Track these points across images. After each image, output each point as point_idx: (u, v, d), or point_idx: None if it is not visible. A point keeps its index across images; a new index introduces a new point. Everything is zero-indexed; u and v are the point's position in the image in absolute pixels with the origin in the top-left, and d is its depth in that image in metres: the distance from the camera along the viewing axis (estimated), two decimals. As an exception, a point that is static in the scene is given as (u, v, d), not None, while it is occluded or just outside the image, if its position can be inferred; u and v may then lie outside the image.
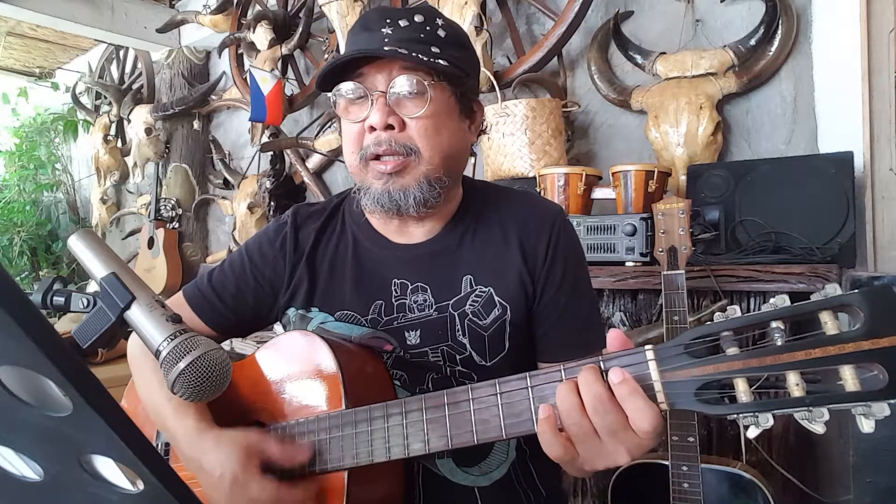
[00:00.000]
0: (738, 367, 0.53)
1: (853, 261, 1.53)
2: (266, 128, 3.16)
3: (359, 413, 0.75)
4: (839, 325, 0.50)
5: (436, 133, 0.84)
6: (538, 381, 0.64)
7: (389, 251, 0.94)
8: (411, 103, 0.83)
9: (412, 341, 0.89)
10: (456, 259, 0.92)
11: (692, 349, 0.56)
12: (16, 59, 4.74)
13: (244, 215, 3.26)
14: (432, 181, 0.85)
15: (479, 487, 0.88)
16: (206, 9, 3.38)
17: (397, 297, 0.91)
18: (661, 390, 0.57)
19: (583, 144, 2.26)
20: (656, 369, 0.57)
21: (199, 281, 0.99)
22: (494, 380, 0.67)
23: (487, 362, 0.89)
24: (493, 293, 0.89)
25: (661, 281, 1.37)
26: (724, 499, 1.34)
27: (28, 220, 4.76)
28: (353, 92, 0.84)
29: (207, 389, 0.64)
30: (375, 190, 0.85)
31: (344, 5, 2.56)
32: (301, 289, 0.94)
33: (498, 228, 0.93)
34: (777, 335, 0.52)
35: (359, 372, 0.82)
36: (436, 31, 0.85)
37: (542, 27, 2.35)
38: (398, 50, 0.80)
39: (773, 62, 1.81)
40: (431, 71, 0.82)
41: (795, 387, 0.51)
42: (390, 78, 0.82)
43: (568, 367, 0.63)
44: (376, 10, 0.88)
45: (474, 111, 0.93)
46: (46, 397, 0.35)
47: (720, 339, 0.55)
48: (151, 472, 0.35)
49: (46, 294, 0.70)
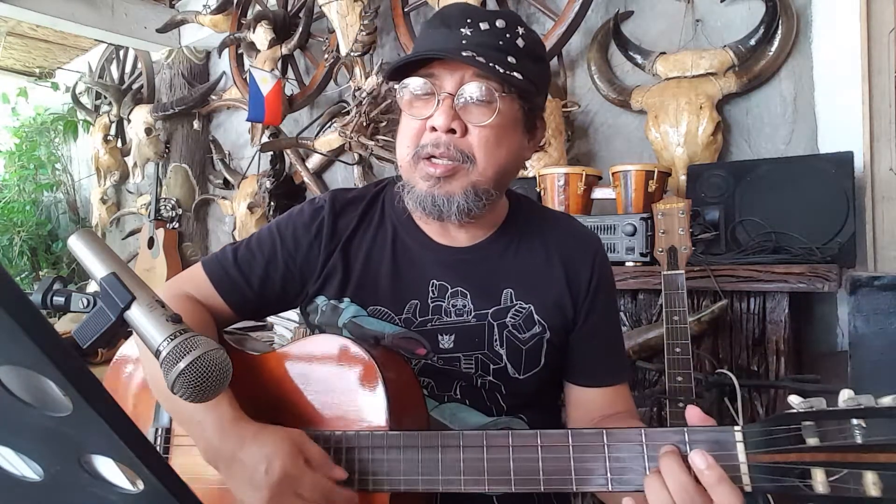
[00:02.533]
0: (820, 459, 0.55)
1: (853, 261, 1.53)
2: (266, 128, 3.16)
3: (408, 438, 0.72)
4: None
5: (496, 145, 0.82)
6: (615, 440, 0.64)
7: (430, 250, 0.92)
8: (478, 111, 0.80)
9: (445, 345, 0.88)
10: (498, 270, 0.91)
11: (776, 435, 0.57)
12: (16, 59, 4.74)
13: (244, 215, 3.26)
14: (480, 192, 0.83)
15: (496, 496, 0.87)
16: (206, 9, 3.38)
17: (434, 298, 0.89)
18: (747, 472, 0.58)
19: (583, 144, 2.26)
20: (744, 451, 0.59)
21: (222, 256, 0.94)
22: (567, 430, 0.66)
23: (521, 375, 0.88)
24: (532, 311, 0.89)
25: (661, 281, 1.37)
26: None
27: (28, 220, 4.76)
28: (421, 88, 0.82)
29: (207, 389, 0.64)
30: (420, 191, 0.83)
31: (344, 5, 2.56)
32: (334, 278, 0.92)
33: (541, 248, 0.93)
34: (857, 431, 0.53)
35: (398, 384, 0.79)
36: (515, 39, 0.82)
37: (542, 27, 2.35)
38: (476, 57, 0.77)
39: (773, 62, 1.81)
40: (504, 82, 0.80)
41: (873, 486, 0.52)
42: (462, 82, 0.80)
43: (649, 432, 0.63)
44: (458, 6, 0.85)
45: (537, 127, 0.91)
46: (46, 397, 0.35)
47: (801, 429, 0.56)
48: (151, 472, 0.35)
49: (46, 294, 0.70)
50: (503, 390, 0.89)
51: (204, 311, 0.91)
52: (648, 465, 0.62)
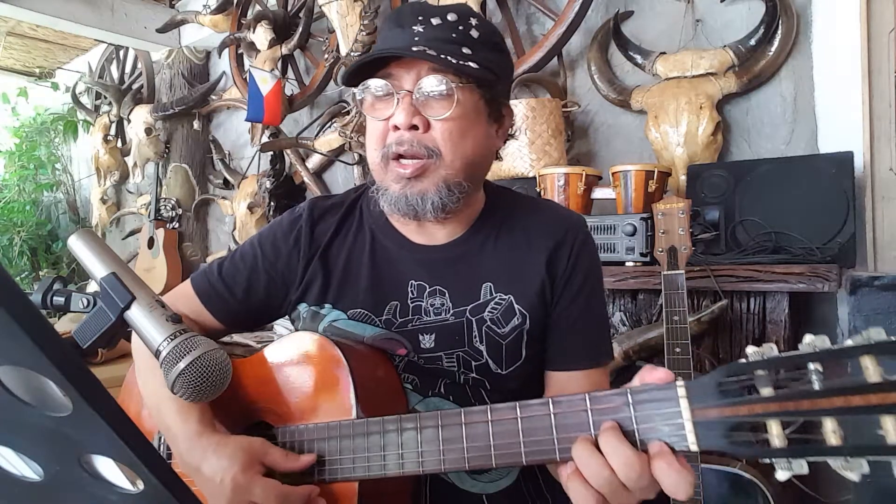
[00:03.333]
0: (772, 410, 0.50)
1: (853, 261, 1.53)
2: (266, 128, 3.16)
3: (371, 424, 0.72)
4: (881, 373, 0.47)
5: (460, 137, 0.82)
6: (562, 409, 0.61)
7: (408, 251, 0.92)
8: (437, 104, 0.81)
9: (426, 345, 0.88)
10: (476, 265, 0.90)
11: (725, 387, 0.53)
12: (16, 59, 4.74)
13: (244, 215, 3.26)
14: (452, 186, 0.83)
15: (486, 494, 0.88)
16: (206, 9, 3.38)
17: (413, 298, 0.89)
18: (692, 430, 0.55)
19: (583, 144, 2.26)
20: (688, 407, 0.55)
21: (209, 271, 0.97)
22: (515, 403, 0.64)
23: (503, 370, 0.88)
24: (513, 301, 0.88)
25: (661, 281, 1.37)
26: (724, 498, 1.34)
27: (28, 220, 4.75)
28: (380, 89, 0.82)
29: (207, 389, 0.64)
30: (393, 192, 0.83)
31: (344, 5, 2.56)
32: (314, 285, 0.93)
33: (521, 236, 0.92)
34: (814, 377, 0.49)
35: (370, 377, 0.81)
36: (468, 31, 0.83)
37: (542, 27, 2.35)
38: (426, 51, 0.78)
39: (773, 62, 1.80)
40: (459, 72, 0.80)
41: (832, 434, 0.48)
42: (418, 77, 0.80)
43: (594, 396, 0.60)
44: (410, 5, 0.86)
45: (503, 115, 0.91)
46: (46, 397, 0.35)
47: (754, 378, 0.52)
48: (151, 472, 0.35)
49: (46, 294, 0.70)
50: (487, 386, 0.88)
51: (195, 325, 0.94)
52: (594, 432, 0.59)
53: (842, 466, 0.48)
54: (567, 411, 0.61)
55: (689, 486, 0.54)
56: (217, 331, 0.97)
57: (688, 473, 0.54)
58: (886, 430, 0.46)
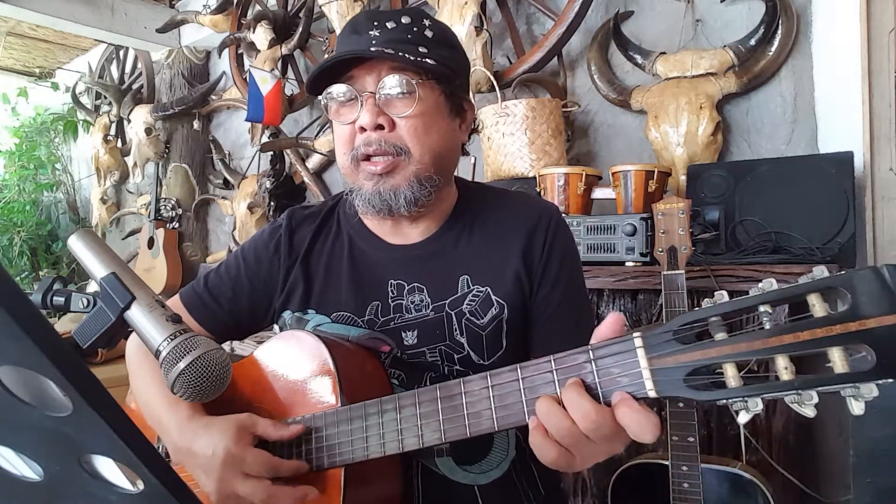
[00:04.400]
0: (726, 353, 0.53)
1: (853, 261, 1.53)
2: (266, 128, 3.16)
3: (353, 409, 0.75)
4: (827, 308, 0.50)
5: (425, 132, 0.85)
6: (529, 373, 0.64)
7: (385, 252, 0.94)
8: (400, 103, 0.83)
9: (409, 342, 0.90)
10: (452, 259, 0.92)
11: (681, 335, 0.55)
12: (16, 59, 4.74)
13: (244, 215, 3.26)
14: (423, 180, 0.85)
15: (478, 486, 0.89)
16: (206, 9, 3.38)
17: (394, 297, 0.91)
18: (650, 378, 0.56)
19: (583, 144, 2.26)
20: (645, 356, 0.57)
21: (196, 284, 1.00)
22: (486, 372, 0.67)
23: (485, 361, 0.89)
24: (490, 292, 0.90)
25: (661, 281, 1.37)
26: (724, 499, 1.34)
27: (28, 220, 4.76)
28: (343, 94, 0.85)
29: (207, 389, 0.64)
30: (366, 191, 0.86)
31: (344, 5, 2.56)
32: (297, 291, 0.95)
33: (495, 228, 0.94)
34: (766, 319, 0.52)
35: (355, 369, 0.83)
36: (423, 31, 0.86)
37: (542, 27, 2.35)
38: (384, 50, 0.81)
39: (773, 62, 1.80)
40: (419, 70, 0.83)
41: (784, 370, 0.51)
42: (379, 78, 0.83)
43: (558, 357, 0.62)
44: (364, 13, 0.89)
45: (465, 110, 0.94)
46: (46, 397, 0.35)
47: (709, 325, 0.54)
48: (151, 472, 0.35)
49: (46, 294, 0.70)
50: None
51: None
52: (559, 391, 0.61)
53: (794, 401, 0.51)
54: (534, 374, 0.64)
55: (654, 427, 0.56)
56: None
57: (651, 414, 0.56)
58: (834, 361, 0.49)
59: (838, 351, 0.49)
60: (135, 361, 0.94)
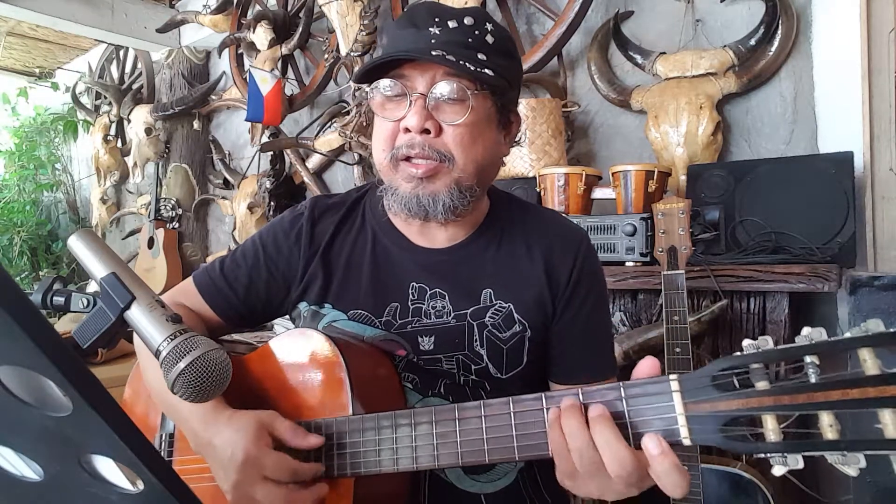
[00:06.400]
0: (767, 405, 0.50)
1: (853, 261, 1.53)
2: (266, 128, 3.16)
3: (366, 420, 0.73)
4: (880, 365, 0.46)
5: (472, 142, 0.82)
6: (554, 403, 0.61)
7: (409, 253, 0.92)
8: (451, 109, 0.80)
9: (425, 347, 0.88)
10: (477, 270, 0.90)
11: (719, 381, 0.52)
12: (16, 59, 4.74)
13: (244, 215, 3.26)
14: (463, 189, 0.83)
15: (485, 494, 0.88)
16: (206, 9, 3.38)
17: (414, 301, 0.89)
18: (685, 424, 0.53)
19: (583, 144, 2.26)
20: (681, 401, 0.54)
21: (211, 269, 0.97)
22: (508, 398, 0.64)
23: (503, 375, 0.88)
24: (512, 310, 0.88)
25: (661, 281, 1.37)
26: (724, 499, 1.34)
27: (28, 220, 4.76)
28: (391, 90, 0.81)
29: (208, 389, 0.64)
30: (404, 192, 0.82)
31: (344, 5, 2.56)
32: (315, 284, 0.92)
33: (523, 245, 0.92)
34: (811, 370, 0.48)
35: (367, 374, 0.81)
36: (484, 36, 0.82)
37: (542, 27, 2.35)
38: (445, 56, 0.77)
39: (773, 62, 1.80)
40: (475, 79, 0.79)
41: (829, 428, 0.47)
42: (433, 81, 0.79)
43: (586, 391, 0.60)
44: (425, 5, 0.85)
45: (511, 122, 0.91)
46: (46, 397, 0.35)
47: (749, 372, 0.51)
48: (151, 472, 0.35)
49: (46, 294, 0.70)
50: (487, 388, 0.88)
51: (197, 320, 0.93)
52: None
53: (839, 461, 0.48)
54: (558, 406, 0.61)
55: (688, 485, 0.54)
56: (218, 327, 0.96)
57: (686, 473, 0.54)
58: (885, 423, 0.45)
59: (891, 414, 0.45)
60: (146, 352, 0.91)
